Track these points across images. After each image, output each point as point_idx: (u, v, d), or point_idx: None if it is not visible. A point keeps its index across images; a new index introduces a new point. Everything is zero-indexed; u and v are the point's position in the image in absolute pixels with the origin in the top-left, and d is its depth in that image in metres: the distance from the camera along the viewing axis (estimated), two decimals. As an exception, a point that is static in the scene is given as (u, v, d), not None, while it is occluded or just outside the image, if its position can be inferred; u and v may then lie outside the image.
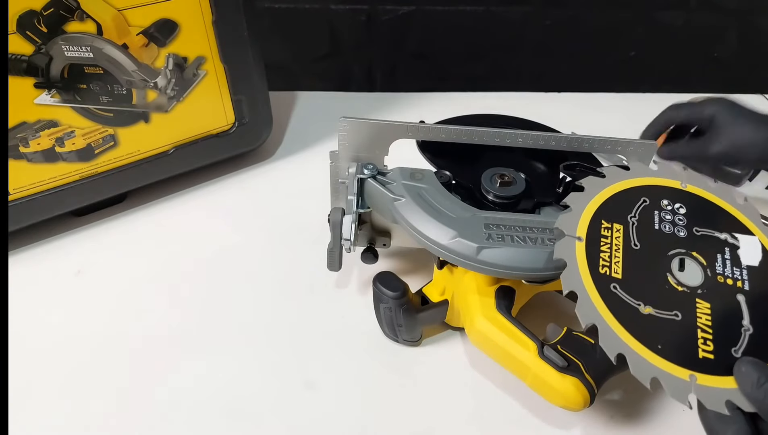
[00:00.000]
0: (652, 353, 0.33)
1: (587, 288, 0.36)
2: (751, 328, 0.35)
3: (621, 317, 0.34)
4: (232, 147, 0.66)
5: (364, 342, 0.49)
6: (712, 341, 0.34)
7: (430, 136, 0.46)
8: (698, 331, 0.34)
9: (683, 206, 0.40)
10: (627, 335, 0.34)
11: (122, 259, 0.58)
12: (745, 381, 0.31)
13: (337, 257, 0.48)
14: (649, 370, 0.33)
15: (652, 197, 0.40)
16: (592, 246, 0.37)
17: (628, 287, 0.36)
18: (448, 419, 0.44)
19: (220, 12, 0.57)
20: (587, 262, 0.37)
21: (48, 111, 0.53)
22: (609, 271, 0.36)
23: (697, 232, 0.39)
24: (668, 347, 0.33)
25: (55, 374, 0.47)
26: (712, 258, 0.38)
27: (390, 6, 0.92)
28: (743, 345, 0.34)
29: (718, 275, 0.37)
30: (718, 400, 0.32)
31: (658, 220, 0.39)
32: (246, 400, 0.45)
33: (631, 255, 0.37)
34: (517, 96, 0.85)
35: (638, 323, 0.34)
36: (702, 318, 0.35)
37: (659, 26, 0.94)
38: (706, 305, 0.36)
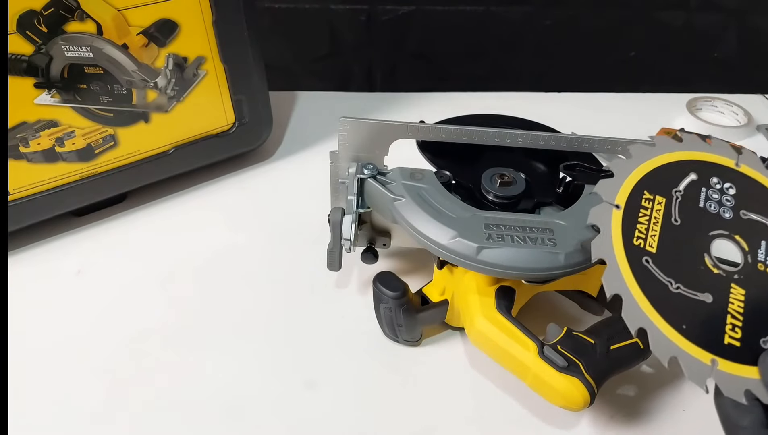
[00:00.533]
0: (676, 332, 0.32)
1: (618, 257, 0.34)
2: None
3: (648, 292, 0.33)
4: (232, 147, 0.66)
5: (364, 342, 0.49)
6: (741, 328, 0.33)
7: (430, 136, 0.46)
8: (728, 317, 0.33)
9: (733, 187, 0.38)
10: (652, 310, 0.33)
11: (122, 259, 0.58)
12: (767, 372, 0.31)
13: (337, 257, 0.48)
14: (670, 348, 0.32)
15: (702, 173, 0.39)
16: (629, 216, 0.36)
17: (661, 263, 0.34)
18: (448, 419, 0.44)
19: (220, 12, 0.57)
20: (622, 231, 0.35)
21: (48, 111, 0.53)
22: (644, 243, 0.35)
23: (743, 216, 0.37)
24: (693, 328, 0.32)
25: (55, 374, 0.47)
26: (755, 244, 0.36)
27: (390, 6, 0.92)
28: None
29: (759, 263, 0.36)
30: (737, 388, 0.31)
31: (704, 198, 0.38)
32: (246, 400, 0.45)
33: (669, 230, 0.36)
34: (517, 96, 0.85)
35: (665, 300, 0.33)
36: (734, 304, 0.34)
37: (659, 26, 0.94)
38: (740, 291, 0.34)
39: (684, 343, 0.32)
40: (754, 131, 0.77)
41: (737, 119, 0.78)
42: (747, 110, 0.78)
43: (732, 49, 0.96)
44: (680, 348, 0.32)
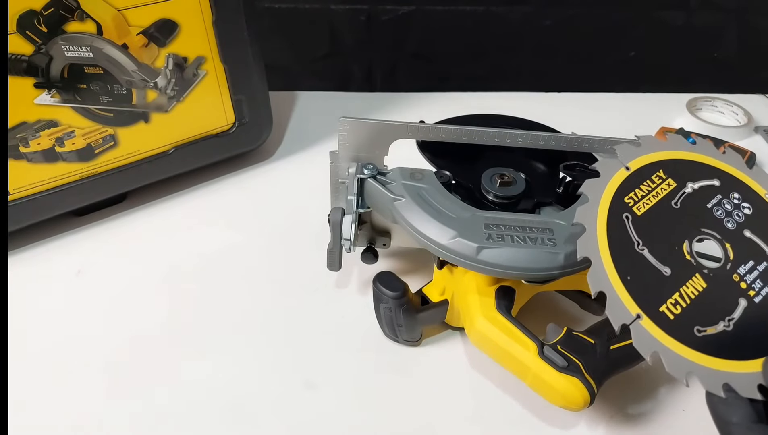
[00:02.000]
0: (618, 278, 0.34)
1: (602, 200, 0.37)
2: (731, 327, 0.35)
3: (612, 239, 0.35)
4: (232, 147, 0.66)
5: (364, 342, 0.49)
6: (683, 309, 0.35)
7: (430, 136, 0.46)
8: (676, 294, 0.35)
9: (751, 208, 0.40)
10: (606, 252, 0.35)
11: (122, 259, 0.58)
12: None
13: (337, 257, 0.48)
14: (605, 285, 0.34)
15: (728, 185, 0.40)
16: (634, 179, 0.38)
17: (638, 225, 0.36)
18: (448, 419, 0.44)
19: (220, 12, 0.57)
20: (619, 185, 0.37)
21: (48, 111, 0.53)
22: (632, 203, 0.37)
23: (746, 234, 0.39)
24: (636, 283, 0.34)
25: (54, 374, 0.47)
26: (742, 259, 0.37)
27: (390, 6, 0.92)
28: (712, 333, 0.34)
29: (736, 274, 0.37)
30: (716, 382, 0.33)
31: (716, 203, 0.39)
32: (246, 400, 0.45)
33: (664, 207, 0.38)
34: (517, 96, 0.85)
35: (625, 254, 0.35)
36: (689, 288, 0.35)
37: (659, 26, 0.94)
38: (702, 284, 0.36)
39: (621, 289, 0.34)
40: (753, 131, 0.77)
41: (737, 119, 0.78)
42: (747, 110, 0.78)
43: (732, 49, 0.96)
44: (615, 290, 0.34)
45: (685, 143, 0.41)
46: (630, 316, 0.34)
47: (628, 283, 0.34)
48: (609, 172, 0.38)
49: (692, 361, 0.33)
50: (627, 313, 0.34)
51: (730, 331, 0.35)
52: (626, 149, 0.40)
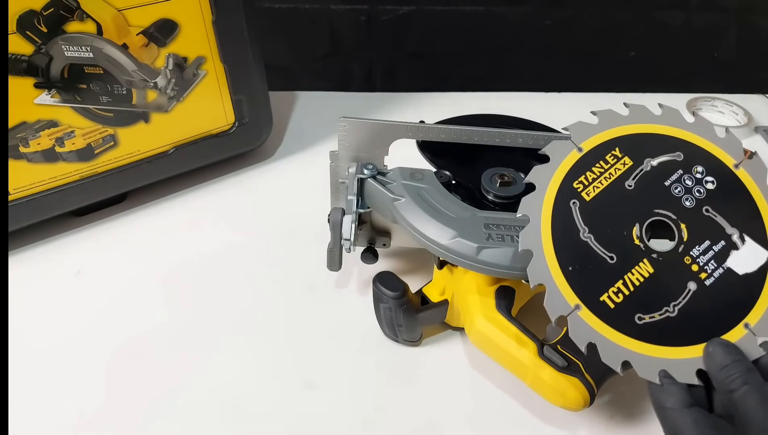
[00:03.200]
0: (559, 269, 0.34)
1: (549, 188, 0.35)
2: (675, 312, 0.34)
3: (556, 229, 0.34)
4: (232, 147, 0.66)
5: (364, 342, 0.49)
6: (625, 297, 0.34)
7: (430, 136, 0.46)
8: (619, 282, 0.34)
9: (714, 183, 0.38)
10: (549, 242, 0.34)
11: (122, 259, 0.58)
12: (710, 361, 0.32)
13: (337, 257, 0.48)
14: (545, 277, 0.33)
15: (690, 158, 0.38)
16: (586, 161, 0.36)
17: (586, 212, 0.35)
18: (448, 419, 0.44)
19: (220, 12, 0.57)
20: (569, 169, 0.36)
21: (48, 111, 0.53)
22: (582, 188, 0.36)
23: (705, 212, 0.37)
24: (577, 273, 0.34)
25: (55, 374, 0.47)
26: (697, 240, 0.36)
27: (390, 6, 0.92)
28: (654, 320, 0.34)
29: (688, 256, 0.36)
30: (652, 369, 0.33)
31: (675, 180, 0.37)
32: (246, 400, 0.45)
33: (615, 189, 0.36)
34: (517, 96, 0.85)
35: (568, 243, 0.34)
36: (635, 275, 0.35)
37: (659, 26, 0.94)
38: (649, 269, 0.35)
39: (561, 280, 0.33)
40: (753, 132, 0.77)
41: (737, 119, 0.78)
42: (747, 110, 0.78)
43: (732, 49, 0.96)
44: (554, 282, 0.33)
45: (648, 114, 0.39)
46: (568, 308, 0.33)
47: (569, 274, 0.34)
48: (559, 156, 0.37)
49: (629, 349, 0.33)
50: (566, 305, 0.33)
51: (673, 317, 0.34)
52: (581, 128, 0.38)
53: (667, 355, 0.33)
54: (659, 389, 0.32)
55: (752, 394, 0.30)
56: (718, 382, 0.32)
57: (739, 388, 0.30)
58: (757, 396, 0.30)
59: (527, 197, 0.36)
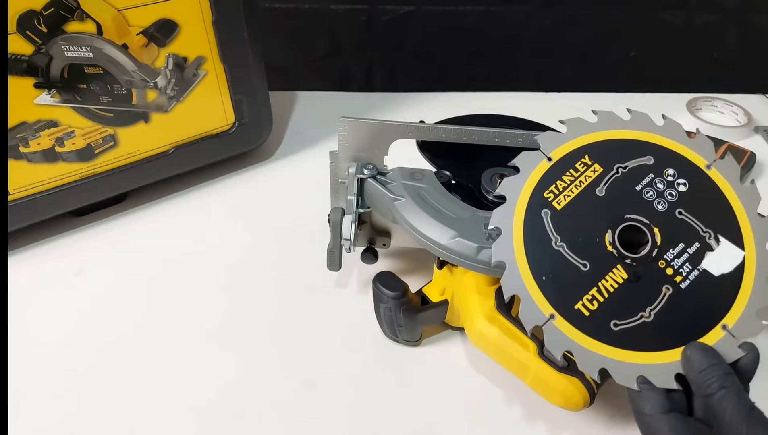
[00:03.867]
0: (532, 278, 0.34)
1: (520, 198, 0.36)
2: (651, 317, 0.34)
3: (529, 239, 0.35)
4: (232, 147, 0.66)
5: (363, 342, 0.49)
6: (600, 304, 0.34)
7: (430, 136, 0.46)
8: (593, 289, 0.34)
9: (686, 185, 0.37)
10: (522, 253, 0.34)
11: (122, 259, 0.58)
12: (688, 365, 0.32)
13: (337, 257, 0.48)
14: (519, 288, 0.34)
15: (662, 162, 0.38)
16: (556, 170, 0.37)
17: (557, 221, 0.35)
18: (448, 419, 0.44)
19: (220, 12, 0.57)
20: (539, 179, 0.36)
21: (48, 111, 0.53)
22: (553, 198, 0.36)
23: (678, 214, 0.37)
24: (551, 282, 0.34)
25: (55, 374, 0.47)
26: (671, 243, 0.36)
27: (390, 6, 0.92)
28: (630, 326, 0.34)
29: (662, 260, 0.35)
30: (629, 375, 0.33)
31: (646, 184, 0.37)
32: (246, 399, 0.45)
33: (587, 198, 0.36)
34: (517, 96, 0.85)
35: (541, 253, 0.35)
36: (609, 281, 0.35)
37: (659, 26, 0.94)
38: (623, 275, 0.35)
39: (535, 291, 0.33)
40: (753, 132, 0.77)
41: (737, 119, 0.78)
42: (747, 110, 0.78)
43: (732, 49, 0.96)
44: (528, 293, 0.33)
45: (616, 120, 0.39)
46: (543, 317, 0.33)
47: (543, 284, 0.34)
48: (529, 167, 0.37)
49: (605, 357, 0.33)
50: (540, 315, 0.33)
51: (650, 322, 0.34)
52: (549, 138, 0.38)
53: (645, 360, 0.33)
54: (637, 395, 0.32)
55: (729, 398, 0.30)
56: (696, 386, 0.32)
57: (717, 392, 0.30)
58: (733, 400, 0.30)
59: (498, 209, 0.36)
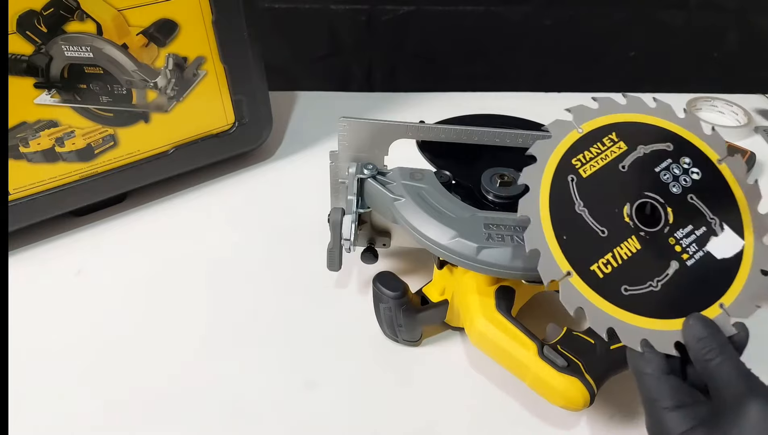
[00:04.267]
0: (554, 236, 0.35)
1: (549, 163, 0.38)
2: (658, 287, 0.36)
3: (554, 200, 0.36)
4: (232, 147, 0.66)
5: (364, 342, 0.49)
6: (614, 269, 0.36)
7: (430, 136, 0.46)
8: (609, 254, 0.36)
9: (700, 174, 0.40)
10: (546, 211, 0.36)
11: (122, 259, 0.58)
12: (689, 333, 0.34)
13: (337, 257, 0.48)
14: (540, 243, 0.35)
15: (679, 150, 0.40)
16: (585, 141, 0.39)
17: (581, 188, 0.37)
18: (448, 419, 0.44)
19: (220, 12, 0.57)
20: (568, 148, 0.38)
21: (48, 111, 0.53)
22: (579, 166, 0.38)
23: (690, 199, 0.39)
24: (571, 242, 0.36)
25: (55, 374, 0.47)
26: (681, 223, 0.38)
27: (390, 6, 0.92)
28: (638, 292, 0.36)
29: (672, 238, 0.38)
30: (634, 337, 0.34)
31: (664, 167, 0.40)
32: (246, 399, 0.45)
33: (609, 170, 0.39)
34: (517, 96, 0.85)
35: (564, 214, 0.36)
36: (623, 249, 0.37)
37: (659, 26, 0.94)
38: (636, 245, 0.37)
39: (555, 247, 0.35)
40: (753, 131, 0.77)
41: (737, 119, 0.78)
42: (747, 110, 0.78)
43: (732, 49, 0.96)
44: (549, 248, 0.35)
45: (644, 105, 0.42)
46: (560, 273, 0.35)
47: (563, 242, 0.35)
48: (560, 134, 0.39)
49: (614, 317, 0.35)
50: (558, 270, 0.35)
51: (657, 292, 0.36)
52: (581, 111, 0.40)
53: (649, 325, 0.35)
54: (640, 356, 0.34)
55: (729, 363, 0.31)
56: (694, 352, 0.33)
57: (716, 357, 0.32)
58: (734, 364, 0.31)
59: (528, 168, 0.38)
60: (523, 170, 0.37)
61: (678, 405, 0.32)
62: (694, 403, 0.32)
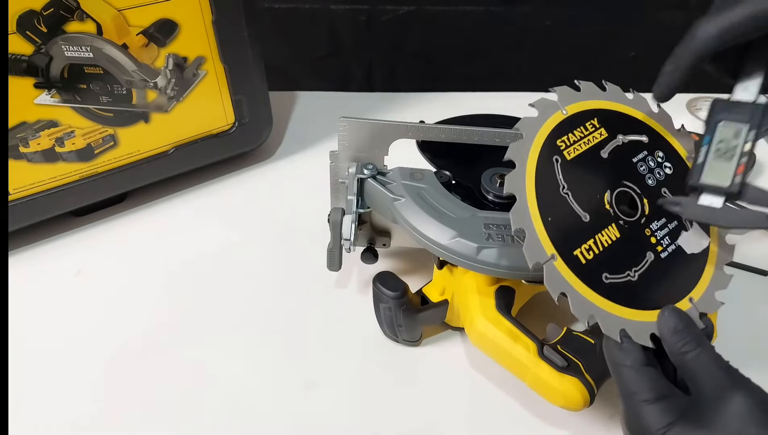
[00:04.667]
0: (540, 218, 0.35)
1: (534, 142, 0.37)
2: (636, 277, 0.36)
3: (540, 180, 0.36)
4: (232, 147, 0.66)
5: (364, 342, 0.49)
6: (595, 255, 0.36)
7: (430, 136, 0.46)
8: (591, 241, 0.36)
9: (672, 169, 0.41)
10: (532, 191, 0.35)
11: (122, 259, 0.58)
12: (665, 325, 0.34)
13: (337, 257, 0.48)
14: (526, 222, 0.35)
15: (655, 143, 0.41)
16: (569, 124, 0.39)
17: (566, 170, 0.37)
18: (448, 419, 0.44)
19: (220, 12, 0.57)
20: (553, 128, 0.38)
21: (48, 111, 0.53)
22: (564, 147, 0.38)
23: (663, 192, 0.40)
24: (556, 225, 0.35)
25: (55, 374, 0.47)
26: (656, 215, 0.39)
27: (390, 6, 0.92)
28: (618, 281, 0.35)
29: (648, 229, 0.38)
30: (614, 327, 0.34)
31: (641, 159, 0.40)
32: (246, 399, 0.45)
33: (592, 155, 0.39)
34: (517, 96, 0.84)
35: (549, 195, 0.36)
36: (604, 236, 0.37)
37: (659, 26, 0.94)
38: (615, 233, 0.37)
39: (540, 229, 0.35)
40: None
41: (737, 119, 0.78)
42: (747, 110, 0.78)
43: (732, 49, 0.96)
44: (534, 229, 0.35)
45: (622, 96, 0.42)
46: (545, 256, 0.34)
47: (548, 224, 0.35)
48: (546, 113, 0.39)
49: (596, 305, 0.34)
50: (543, 253, 0.34)
51: (634, 281, 0.36)
52: (566, 93, 0.40)
53: (627, 315, 0.35)
54: (618, 348, 0.33)
55: (706, 354, 0.31)
56: (670, 344, 0.33)
57: (693, 349, 0.32)
58: (711, 357, 0.31)
59: (515, 144, 0.37)
60: (510, 145, 0.37)
61: (658, 397, 0.31)
62: (674, 396, 0.31)
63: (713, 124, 0.36)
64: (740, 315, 0.50)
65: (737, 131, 0.36)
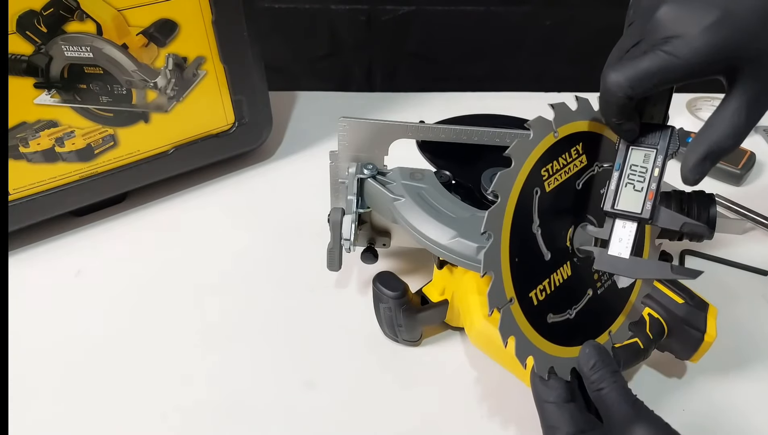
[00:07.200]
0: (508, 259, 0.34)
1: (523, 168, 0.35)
2: (573, 315, 0.36)
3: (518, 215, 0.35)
4: (232, 147, 0.66)
5: (364, 342, 0.49)
6: (547, 296, 0.35)
7: (430, 136, 0.46)
8: (546, 280, 0.36)
9: None
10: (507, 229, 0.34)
11: (122, 259, 0.58)
12: (584, 362, 0.35)
13: (337, 257, 0.48)
14: (495, 264, 0.33)
15: None
16: (556, 150, 0.37)
17: (542, 203, 0.36)
18: (448, 419, 0.44)
19: (220, 12, 0.57)
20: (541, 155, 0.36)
21: (48, 111, 0.53)
22: (546, 176, 0.37)
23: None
24: (520, 266, 0.34)
25: (54, 374, 0.47)
26: None
27: (390, 6, 0.92)
28: (558, 320, 0.36)
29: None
30: (543, 365, 0.34)
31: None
32: (246, 399, 0.45)
33: (568, 187, 0.38)
34: (517, 96, 0.85)
35: (522, 232, 0.35)
36: (558, 275, 0.36)
37: (659, 26, 0.94)
38: (567, 271, 0.37)
39: (506, 271, 0.34)
40: (753, 132, 0.77)
41: (737, 119, 0.78)
42: (747, 110, 0.78)
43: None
44: (501, 273, 0.34)
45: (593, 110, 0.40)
46: (504, 300, 0.34)
47: (513, 265, 0.34)
48: (540, 134, 0.37)
49: (536, 346, 0.34)
50: (504, 297, 0.34)
51: (571, 320, 0.36)
52: (562, 111, 0.38)
53: (559, 353, 0.35)
54: (544, 383, 0.34)
55: (617, 390, 0.33)
56: (587, 379, 0.34)
57: (606, 386, 0.33)
58: (622, 392, 0.33)
59: (504, 173, 0.35)
60: (498, 175, 0.35)
61: (576, 432, 0.33)
62: (591, 430, 0.33)
63: (624, 150, 0.36)
64: (740, 315, 0.50)
65: (646, 156, 0.36)
